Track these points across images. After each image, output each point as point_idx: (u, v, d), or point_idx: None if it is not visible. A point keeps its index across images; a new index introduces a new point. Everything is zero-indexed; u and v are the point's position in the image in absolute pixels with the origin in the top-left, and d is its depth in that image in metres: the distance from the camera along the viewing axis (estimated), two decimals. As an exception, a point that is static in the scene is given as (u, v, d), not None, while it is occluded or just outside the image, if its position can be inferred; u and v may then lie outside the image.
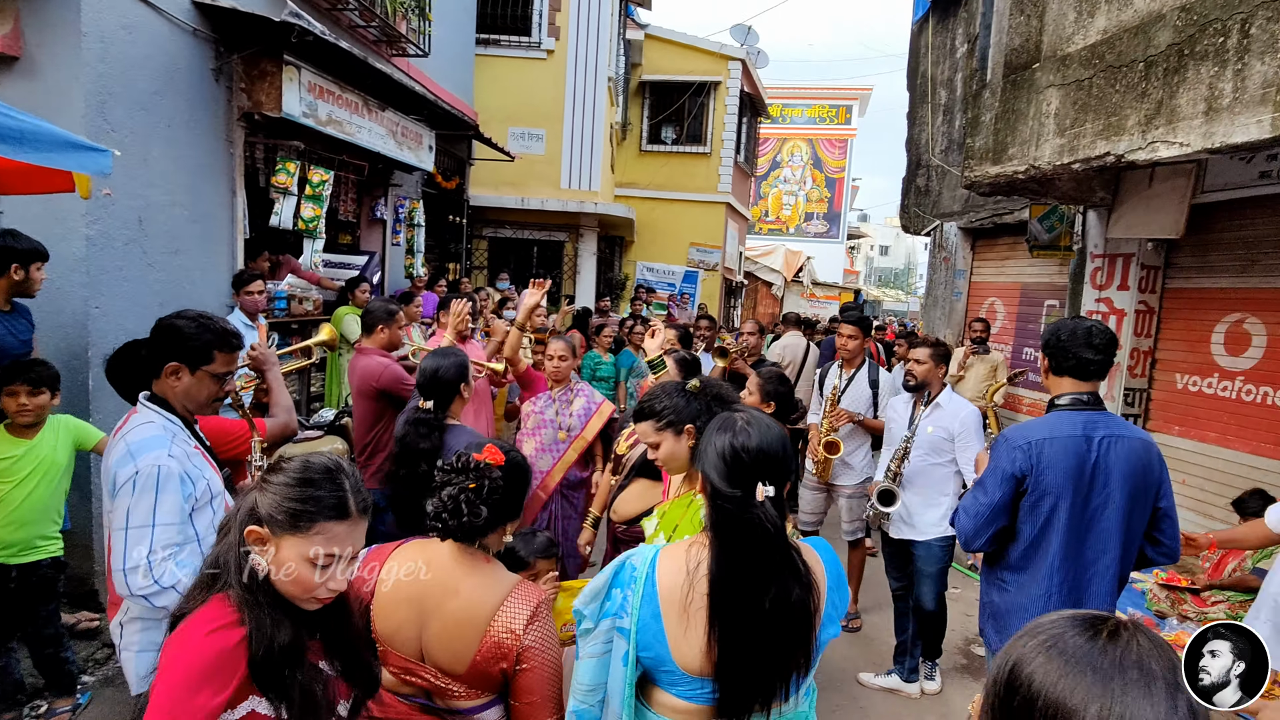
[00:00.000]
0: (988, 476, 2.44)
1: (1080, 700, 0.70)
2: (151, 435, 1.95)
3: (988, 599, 2.57)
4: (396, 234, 7.03)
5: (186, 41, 4.27)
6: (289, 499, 1.30)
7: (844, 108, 26.68)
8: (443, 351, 2.90)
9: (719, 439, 1.48)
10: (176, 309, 4.26)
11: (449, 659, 1.56)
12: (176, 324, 2.07)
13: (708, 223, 14.58)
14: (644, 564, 1.51)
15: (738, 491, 1.42)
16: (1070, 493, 2.32)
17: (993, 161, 5.11)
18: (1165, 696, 0.69)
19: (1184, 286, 5.29)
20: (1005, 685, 0.79)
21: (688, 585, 1.44)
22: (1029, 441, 2.35)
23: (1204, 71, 3.57)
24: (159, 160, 4.12)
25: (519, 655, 1.54)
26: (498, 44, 10.18)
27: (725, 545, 1.43)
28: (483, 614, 1.56)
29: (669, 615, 1.45)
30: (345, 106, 5.32)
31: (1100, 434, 2.33)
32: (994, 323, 7.56)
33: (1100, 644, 0.75)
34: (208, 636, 1.23)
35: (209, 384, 2.11)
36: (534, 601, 1.60)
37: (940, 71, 8.26)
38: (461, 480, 1.65)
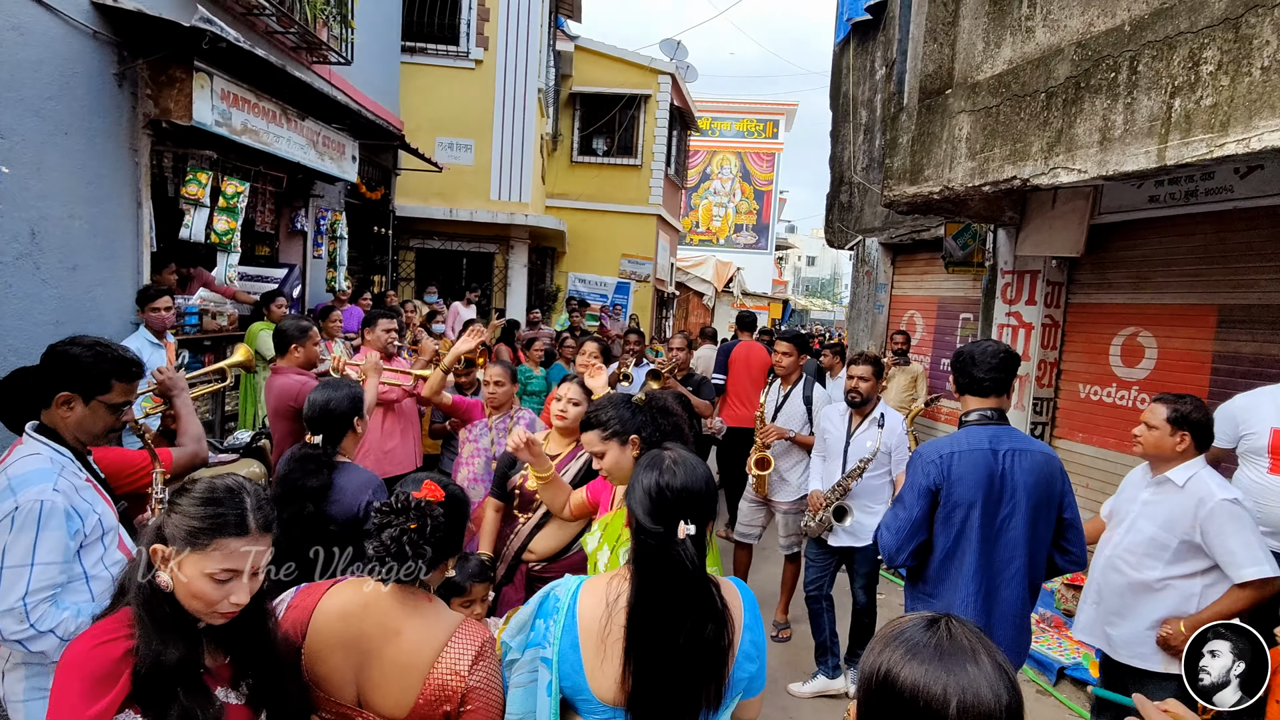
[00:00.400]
0: (905, 493, 2.53)
1: (933, 681, 0.90)
2: (36, 468, 1.83)
3: (910, 610, 2.65)
4: (318, 246, 6.81)
5: (86, 45, 4.04)
6: (191, 517, 1.34)
7: (771, 122, 27.35)
8: (334, 383, 2.66)
9: (645, 476, 1.52)
10: (74, 328, 4.04)
11: (390, 704, 1.51)
12: (70, 351, 1.94)
13: (639, 234, 14.67)
14: (567, 595, 1.54)
15: (660, 528, 1.46)
16: (980, 504, 2.43)
17: (910, 182, 5.32)
18: (991, 668, 0.91)
19: (1085, 302, 5.62)
20: (877, 687, 0.96)
21: (606, 617, 1.48)
22: (940, 455, 2.46)
23: (1098, 104, 3.80)
24: (55, 170, 3.87)
25: (464, 696, 1.51)
26: (425, 52, 10.01)
27: (645, 580, 1.47)
28: (426, 656, 1.52)
29: (587, 646, 1.49)
30: (262, 115, 5.13)
31: (1005, 447, 2.45)
32: (914, 334, 7.85)
33: (936, 637, 0.95)
34: (94, 648, 1.27)
35: (104, 415, 1.99)
36: (479, 641, 1.57)
37: (861, 92, 8.56)
38: (402, 521, 1.57)
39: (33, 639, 1.73)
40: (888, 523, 2.57)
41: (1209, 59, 3.23)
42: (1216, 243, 4.59)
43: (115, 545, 2.03)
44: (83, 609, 1.83)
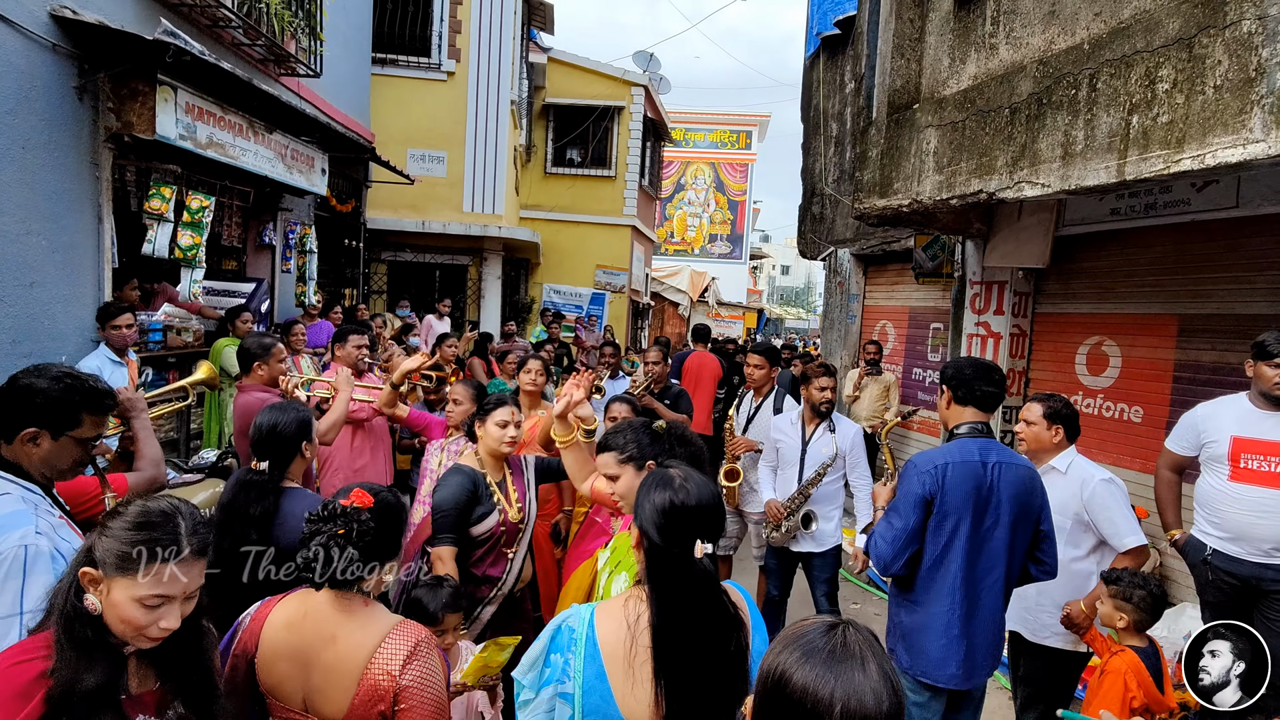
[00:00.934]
0: (900, 502, 2.57)
1: (821, 685, 0.96)
2: (12, 510, 1.72)
3: (897, 619, 2.68)
4: (287, 260, 6.72)
5: (44, 58, 3.96)
6: (122, 542, 1.31)
7: (744, 133, 27.60)
8: (283, 405, 2.55)
9: (657, 495, 1.49)
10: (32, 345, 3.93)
11: (331, 708, 1.56)
12: (36, 385, 1.81)
13: (614, 245, 14.69)
14: (582, 624, 1.50)
15: (674, 548, 1.45)
16: (970, 514, 2.50)
17: (879, 195, 5.39)
18: (877, 673, 0.96)
19: (1051, 312, 5.72)
20: (772, 686, 1.01)
21: (630, 639, 1.45)
22: (935, 465, 2.52)
23: (1060, 120, 3.89)
24: (11, 185, 3.78)
25: (396, 696, 1.53)
26: (396, 64, 9.95)
27: (664, 598, 1.45)
28: (359, 657, 1.55)
29: (614, 673, 1.46)
30: (228, 129, 5.05)
31: (993, 459, 2.54)
32: (885, 344, 7.93)
33: (831, 643, 1.00)
34: (8, 668, 1.24)
35: (73, 450, 1.87)
36: (412, 641, 1.59)
37: (831, 105, 8.66)
38: (330, 528, 1.63)
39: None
40: (881, 532, 2.59)
41: (1164, 77, 3.31)
42: (1175, 254, 4.71)
43: None
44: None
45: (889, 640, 2.72)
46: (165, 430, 5.42)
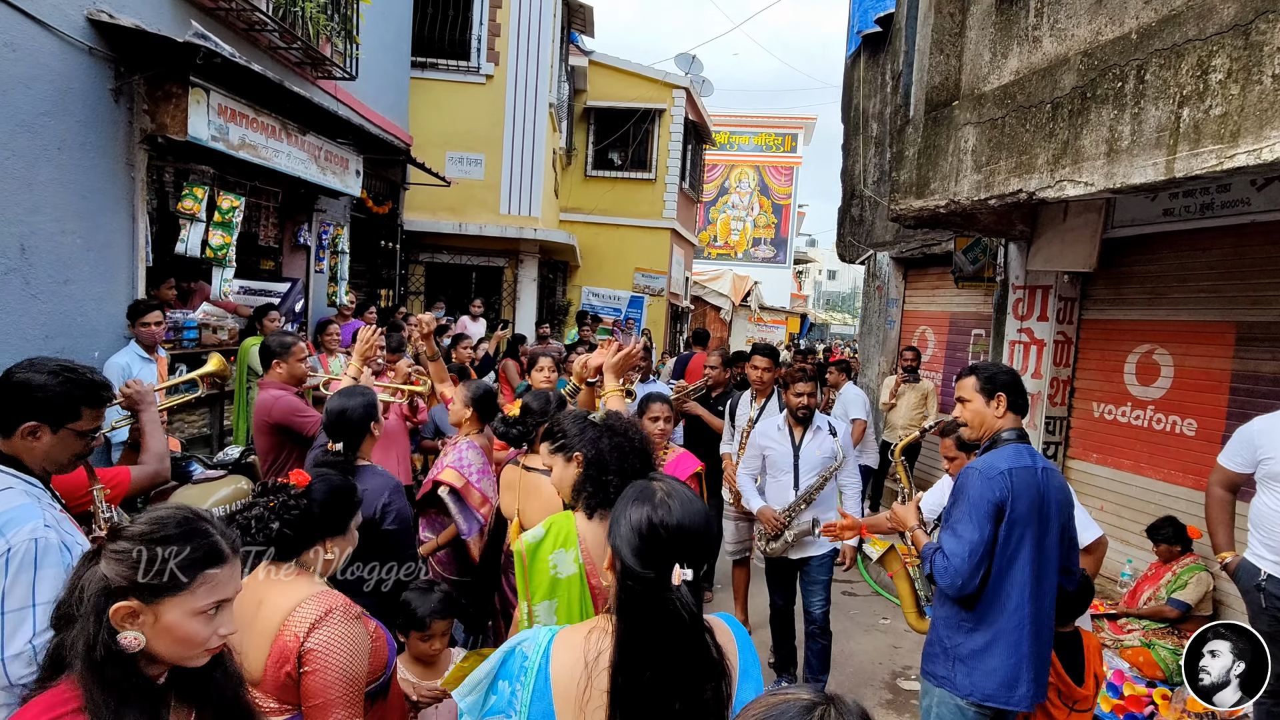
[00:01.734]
0: (969, 513, 2.37)
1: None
2: (18, 504, 1.73)
3: (953, 642, 2.46)
4: (320, 261, 6.81)
5: (81, 61, 4.06)
6: (159, 559, 1.23)
7: (790, 136, 27.26)
8: (349, 390, 2.77)
9: (635, 511, 1.31)
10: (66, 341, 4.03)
11: (252, 668, 1.60)
12: (33, 380, 1.81)
13: (653, 248, 14.63)
14: (536, 652, 1.33)
15: (650, 573, 1.25)
16: (1034, 522, 2.38)
17: (916, 195, 5.20)
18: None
19: (1098, 318, 5.44)
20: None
21: (585, 679, 1.27)
22: (1001, 471, 2.36)
23: (1105, 114, 3.67)
24: (47, 184, 3.89)
25: (300, 657, 1.57)
26: (436, 68, 10.06)
27: (631, 633, 1.27)
28: (275, 620, 1.60)
29: (563, 713, 1.29)
30: (260, 130, 5.13)
31: (1040, 464, 2.44)
32: (925, 351, 7.68)
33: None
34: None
35: (73, 443, 1.87)
36: (325, 606, 1.62)
37: (872, 105, 8.45)
38: (263, 501, 1.73)
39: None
40: (951, 549, 2.36)
41: (1218, 67, 3.09)
42: (1234, 257, 4.42)
43: None
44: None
45: (938, 666, 2.50)
46: (198, 426, 5.53)
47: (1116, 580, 4.98)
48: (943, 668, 2.49)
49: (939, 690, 2.49)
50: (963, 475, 2.45)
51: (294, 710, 1.62)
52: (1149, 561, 4.60)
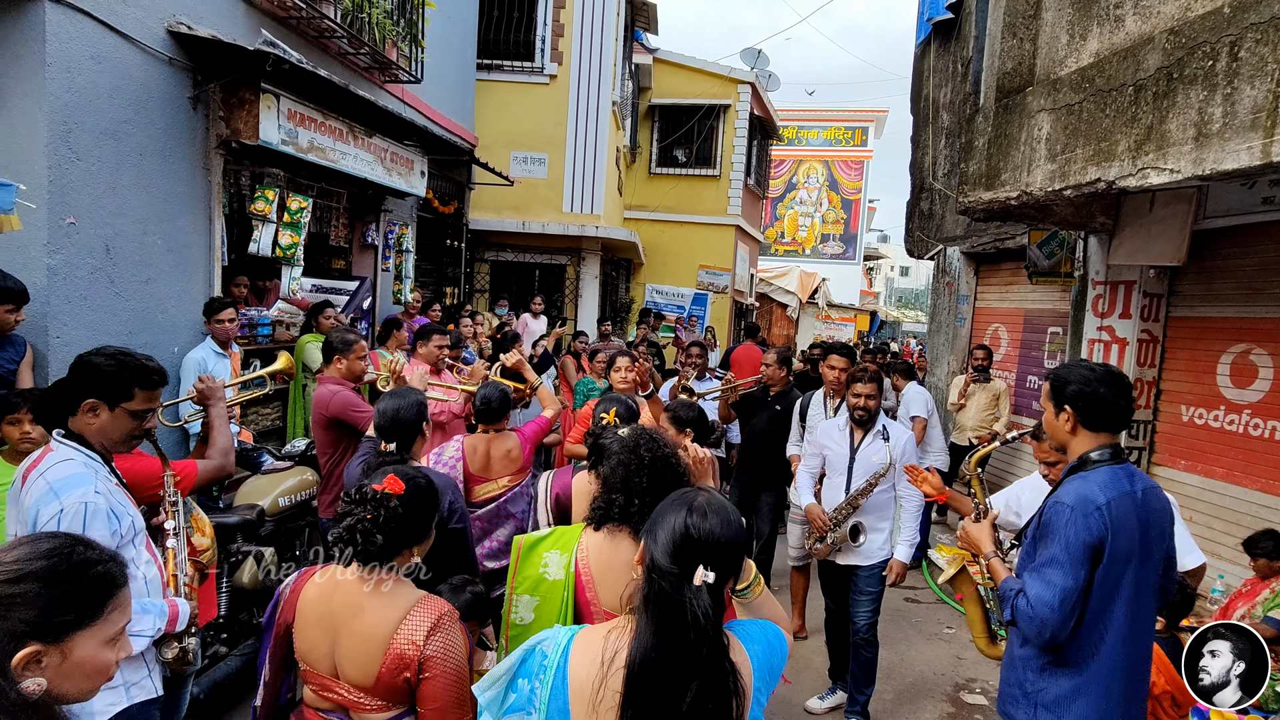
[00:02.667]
0: (1058, 554, 2.08)
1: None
2: (74, 472, 1.92)
3: (1036, 686, 2.20)
4: (386, 259, 7.01)
5: (161, 70, 4.28)
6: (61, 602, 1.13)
7: (860, 130, 26.57)
8: (399, 392, 2.84)
9: (674, 514, 1.37)
10: (147, 337, 4.25)
11: (358, 674, 1.65)
12: (93, 361, 2.01)
13: (717, 245, 14.50)
14: (556, 651, 1.37)
15: (675, 568, 1.30)
16: (1138, 555, 2.09)
17: (985, 187, 4.97)
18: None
19: (1188, 315, 5.08)
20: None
21: (600, 680, 1.31)
22: (1099, 506, 2.06)
23: (1193, 96, 3.41)
24: (129, 188, 4.11)
25: (421, 665, 1.63)
26: (501, 69, 10.22)
27: (649, 632, 1.30)
28: (385, 629, 1.64)
29: (578, 713, 1.32)
30: (328, 133, 5.31)
31: (1139, 486, 2.13)
32: (998, 350, 7.35)
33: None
34: None
35: (127, 421, 2.05)
36: (435, 614, 1.68)
37: (942, 95, 8.13)
38: (360, 511, 1.71)
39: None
40: (1040, 596, 2.08)
41: (1322, 40, 2.82)
42: (1344, 249, 4.05)
43: (144, 547, 2.10)
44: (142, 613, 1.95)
45: (1019, 710, 2.25)
46: (271, 419, 5.77)
47: (1207, 597, 4.64)
48: (1023, 712, 2.23)
49: None
50: (1052, 510, 2.14)
51: (400, 710, 1.69)
52: (1243, 577, 4.26)
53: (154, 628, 2.01)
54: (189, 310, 4.64)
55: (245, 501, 4.03)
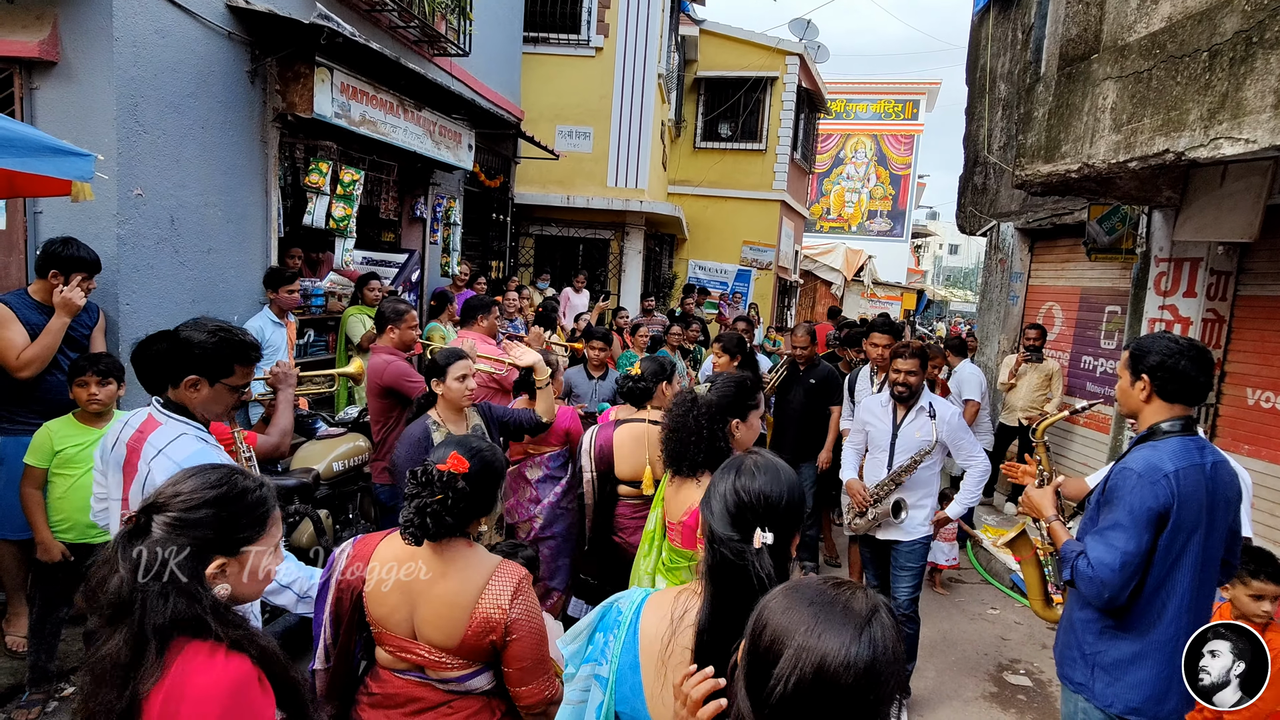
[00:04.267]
0: (1122, 519, 2.12)
1: (791, 627, 0.87)
2: (198, 449, 1.99)
3: (1096, 649, 2.26)
4: (434, 233, 7.11)
5: (221, 45, 4.38)
6: (235, 521, 1.34)
7: (910, 103, 25.84)
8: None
9: (723, 480, 1.41)
10: (208, 305, 4.40)
11: (442, 637, 1.70)
12: (195, 338, 2.06)
13: (762, 221, 14.33)
14: (630, 608, 1.45)
15: (734, 535, 1.33)
16: (1203, 526, 2.12)
17: (1044, 160, 4.80)
18: (853, 630, 0.85)
19: (1258, 294, 4.86)
20: (753, 624, 0.96)
21: (669, 636, 1.36)
22: (1166, 474, 2.09)
23: (1274, 61, 3.24)
24: (192, 161, 4.24)
25: (507, 628, 1.69)
26: (547, 42, 10.20)
27: (715, 594, 1.33)
28: (470, 594, 1.69)
29: (647, 667, 1.38)
30: (379, 107, 5.38)
31: (1209, 459, 2.15)
32: (1051, 329, 7.14)
33: (828, 593, 0.91)
34: (225, 664, 1.24)
35: (227, 395, 2.14)
36: (516, 579, 1.75)
37: (1000, 64, 7.85)
38: (427, 494, 1.70)
39: (275, 592, 2.01)
40: (1101, 558, 2.12)
41: None
42: None
43: None
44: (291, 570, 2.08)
45: (1076, 671, 2.31)
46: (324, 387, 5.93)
47: (1266, 585, 4.50)
48: (1081, 673, 2.28)
49: (1079, 697, 2.29)
50: (1119, 475, 2.17)
51: (477, 666, 1.76)
52: (1307, 566, 4.12)
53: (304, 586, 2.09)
54: (248, 280, 4.78)
55: (301, 465, 4.17)
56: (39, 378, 3.22)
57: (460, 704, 1.76)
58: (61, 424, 3.12)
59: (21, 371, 3.15)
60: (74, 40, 3.65)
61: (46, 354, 3.20)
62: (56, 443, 3.08)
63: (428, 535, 1.70)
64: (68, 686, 3.28)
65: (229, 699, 1.21)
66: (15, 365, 3.14)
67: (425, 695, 1.77)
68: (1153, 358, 2.19)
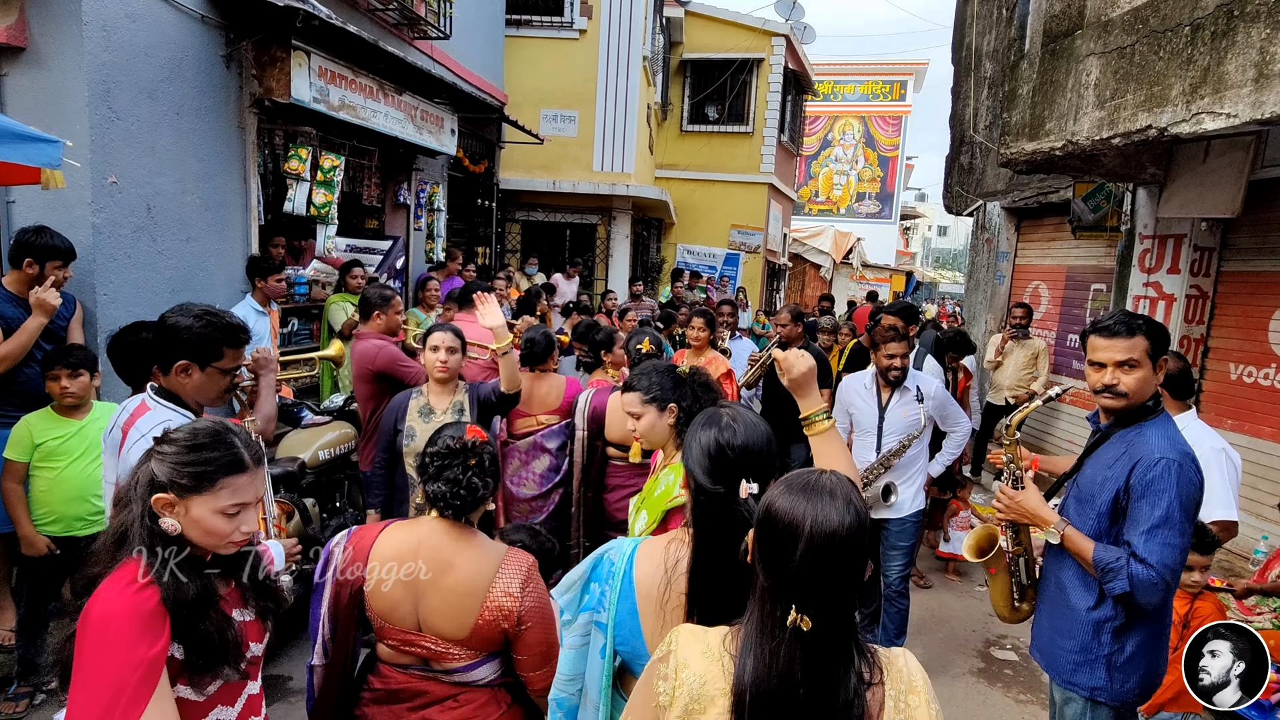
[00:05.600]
0: (1175, 515, 1.99)
1: (798, 510, 1.12)
2: None
3: (1109, 649, 2.13)
4: (418, 219, 7.04)
5: (195, 29, 4.30)
6: (189, 464, 1.40)
7: (898, 83, 25.75)
8: None
9: (704, 434, 1.47)
10: (189, 295, 4.34)
11: (452, 628, 1.70)
12: (182, 323, 2.05)
13: (749, 204, 14.28)
14: (622, 559, 1.53)
15: (720, 488, 1.42)
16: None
17: (1029, 137, 4.80)
18: (842, 503, 1.12)
19: (1241, 269, 4.89)
20: (762, 514, 1.17)
21: (665, 584, 1.45)
22: (1193, 458, 2.05)
23: (1254, 35, 3.24)
24: (168, 148, 4.17)
25: (520, 617, 1.71)
26: (529, 24, 10.07)
27: (706, 542, 1.42)
28: (481, 584, 1.69)
29: (645, 613, 1.47)
30: (359, 91, 5.31)
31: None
32: (1038, 308, 7.18)
33: (808, 480, 1.16)
34: (136, 594, 1.33)
35: (218, 379, 2.13)
36: (525, 566, 1.76)
37: (986, 43, 7.82)
38: (461, 460, 1.74)
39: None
40: (1164, 561, 1.97)
41: (1400, -31, 2.65)
42: None
43: None
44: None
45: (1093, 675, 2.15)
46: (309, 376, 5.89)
47: (1249, 558, 4.56)
48: (1097, 676, 2.15)
49: (1089, 701, 2.18)
50: (1155, 466, 2.00)
51: (484, 655, 1.76)
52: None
53: None
54: (228, 268, 4.73)
55: (286, 455, 4.14)
56: (15, 371, 3.19)
57: (467, 696, 1.76)
58: (40, 417, 3.09)
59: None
60: (42, 25, 3.57)
61: (19, 352, 3.17)
62: (36, 436, 3.05)
63: (466, 506, 1.73)
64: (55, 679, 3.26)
65: (102, 625, 1.29)
66: None
67: (431, 689, 1.76)
68: (1166, 335, 2.11)
